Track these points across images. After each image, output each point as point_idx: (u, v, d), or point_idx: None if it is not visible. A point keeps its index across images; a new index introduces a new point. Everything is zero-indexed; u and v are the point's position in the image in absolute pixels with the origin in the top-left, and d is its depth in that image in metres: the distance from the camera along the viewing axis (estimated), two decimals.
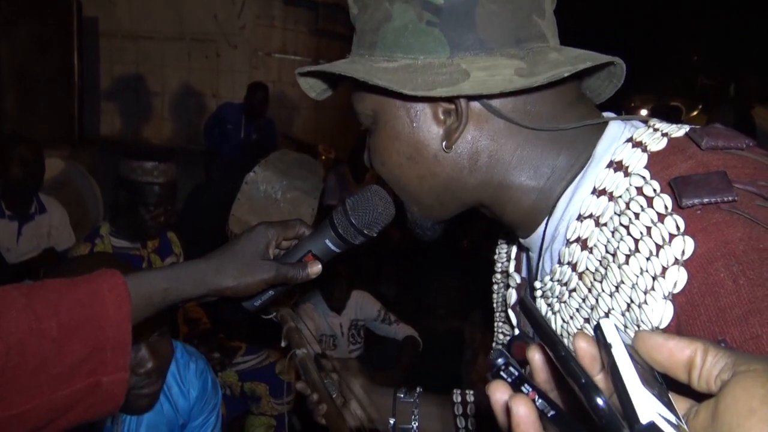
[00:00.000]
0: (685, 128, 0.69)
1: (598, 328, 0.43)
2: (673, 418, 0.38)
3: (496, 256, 1.01)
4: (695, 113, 9.98)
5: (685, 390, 0.41)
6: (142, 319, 0.82)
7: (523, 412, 0.42)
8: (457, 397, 1.14)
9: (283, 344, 1.23)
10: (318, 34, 7.86)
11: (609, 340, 0.42)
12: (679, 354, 0.40)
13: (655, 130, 0.70)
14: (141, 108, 7.64)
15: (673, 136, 0.68)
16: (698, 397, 0.40)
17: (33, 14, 6.05)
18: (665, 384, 0.42)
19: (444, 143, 0.76)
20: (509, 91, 0.69)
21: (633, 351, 0.42)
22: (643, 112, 9.04)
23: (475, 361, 3.41)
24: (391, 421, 1.13)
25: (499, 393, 0.45)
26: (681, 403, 0.41)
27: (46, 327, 0.71)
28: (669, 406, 0.40)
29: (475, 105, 0.74)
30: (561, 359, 0.42)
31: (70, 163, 4.75)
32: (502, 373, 0.45)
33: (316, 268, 0.93)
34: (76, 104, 6.30)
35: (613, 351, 0.41)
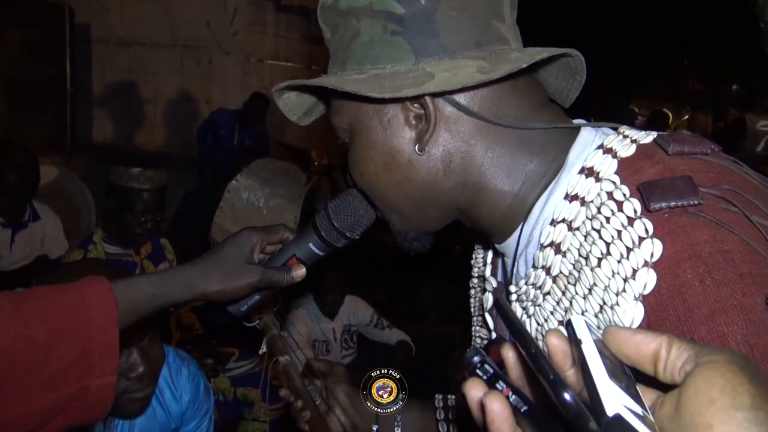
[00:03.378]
0: (653, 134, 0.71)
1: (569, 325, 0.45)
2: (639, 410, 0.40)
3: (472, 261, 1.02)
4: (686, 118, 10.03)
5: (655, 382, 0.43)
6: (130, 324, 0.83)
7: (497, 408, 0.44)
8: (438, 403, 1.15)
9: (261, 351, 1.24)
10: (310, 40, 7.88)
11: (579, 336, 0.44)
12: (645, 347, 0.42)
13: (625, 136, 0.72)
14: (133, 114, 7.64)
15: (641, 142, 0.70)
16: (666, 388, 0.42)
17: (25, 20, 6.04)
18: (634, 377, 0.44)
19: (416, 146, 0.78)
20: (472, 84, 0.71)
21: (603, 346, 0.44)
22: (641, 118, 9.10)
23: (461, 362, 3.43)
24: (374, 428, 1.14)
25: (474, 390, 0.47)
26: (649, 395, 0.43)
27: (34, 333, 0.73)
28: (636, 398, 0.41)
29: (444, 106, 0.76)
30: (531, 356, 0.43)
31: (62, 170, 4.74)
32: (477, 370, 0.47)
33: (300, 272, 0.95)
34: (69, 111, 6.29)
35: (583, 347, 0.43)
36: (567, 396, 0.40)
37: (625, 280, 0.62)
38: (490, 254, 0.95)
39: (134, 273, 2.64)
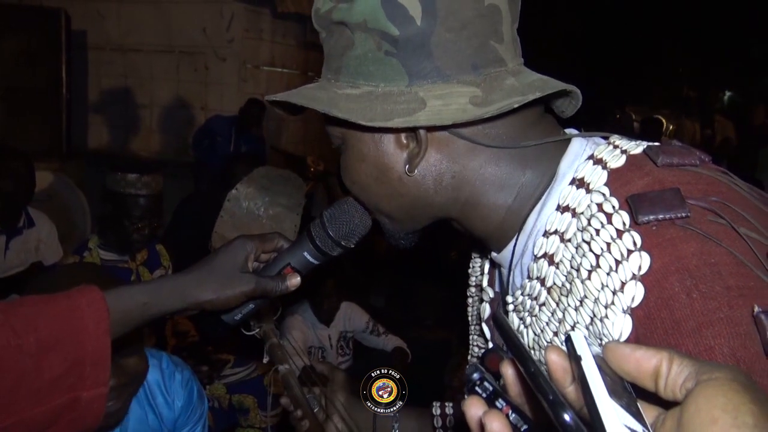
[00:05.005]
0: (643, 145, 0.71)
1: (568, 341, 0.45)
2: (640, 428, 0.39)
3: (470, 270, 1.02)
4: (674, 127, 10.08)
5: (656, 399, 0.42)
6: (123, 333, 0.83)
7: (497, 427, 0.43)
8: (436, 410, 1.15)
9: (265, 360, 1.24)
10: (306, 46, 7.89)
11: (579, 352, 0.43)
12: (645, 363, 0.42)
13: (615, 147, 0.72)
14: (129, 121, 7.63)
15: (631, 153, 0.70)
16: (667, 405, 0.41)
17: (21, 27, 6.05)
18: (635, 394, 0.43)
19: (407, 167, 0.77)
20: (462, 121, 0.70)
21: (602, 362, 0.43)
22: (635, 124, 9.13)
23: (458, 369, 3.43)
24: None
25: (474, 408, 0.46)
26: (650, 412, 0.42)
27: (24, 343, 0.72)
28: (637, 416, 0.41)
29: (436, 130, 0.76)
30: (530, 375, 0.43)
31: (58, 176, 4.73)
32: (477, 388, 0.47)
33: (295, 281, 0.94)
34: (64, 117, 6.27)
35: (583, 363, 0.42)
36: (567, 417, 0.39)
37: (613, 293, 0.62)
38: (487, 264, 0.95)
39: (129, 280, 2.63)
